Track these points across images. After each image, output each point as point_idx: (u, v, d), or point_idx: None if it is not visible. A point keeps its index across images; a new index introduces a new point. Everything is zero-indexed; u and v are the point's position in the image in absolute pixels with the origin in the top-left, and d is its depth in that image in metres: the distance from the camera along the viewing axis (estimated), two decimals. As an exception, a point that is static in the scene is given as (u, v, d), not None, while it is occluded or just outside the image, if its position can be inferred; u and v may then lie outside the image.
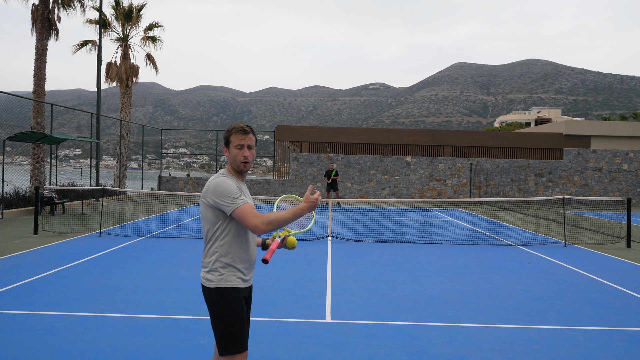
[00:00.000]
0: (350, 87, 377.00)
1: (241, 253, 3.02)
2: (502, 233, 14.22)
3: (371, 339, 5.18)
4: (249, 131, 3.06)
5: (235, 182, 3.01)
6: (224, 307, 2.94)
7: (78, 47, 27.25)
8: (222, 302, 2.95)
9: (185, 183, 28.82)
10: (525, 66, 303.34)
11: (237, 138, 3.04)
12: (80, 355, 4.61)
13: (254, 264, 3.12)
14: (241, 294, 3.00)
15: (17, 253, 9.66)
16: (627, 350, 5.02)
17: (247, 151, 3.04)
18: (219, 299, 2.95)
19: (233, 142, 3.06)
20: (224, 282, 2.96)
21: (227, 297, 2.95)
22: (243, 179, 3.14)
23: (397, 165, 27.93)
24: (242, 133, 3.05)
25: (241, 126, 3.06)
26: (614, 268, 9.39)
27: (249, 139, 3.06)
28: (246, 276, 3.05)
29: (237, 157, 3.04)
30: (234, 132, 3.05)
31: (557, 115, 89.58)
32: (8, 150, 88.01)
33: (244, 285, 3.03)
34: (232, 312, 2.94)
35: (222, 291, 2.95)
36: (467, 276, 8.39)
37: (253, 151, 3.07)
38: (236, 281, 2.98)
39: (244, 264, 3.03)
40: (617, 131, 28.55)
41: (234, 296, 2.96)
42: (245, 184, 3.16)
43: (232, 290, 2.96)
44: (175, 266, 8.71)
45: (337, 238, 12.31)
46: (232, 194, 2.92)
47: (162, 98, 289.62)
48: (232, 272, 2.98)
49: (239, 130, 3.05)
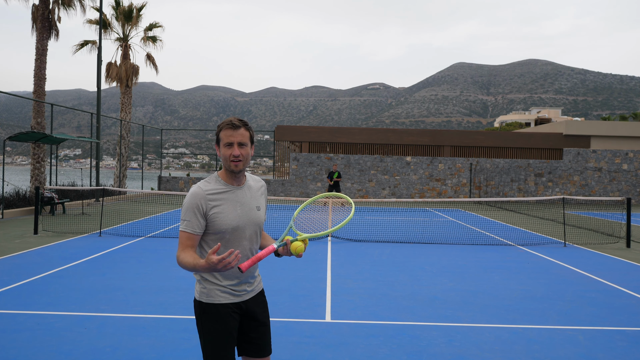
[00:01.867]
0: (350, 87, 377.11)
1: None
2: (502, 233, 14.23)
3: (371, 339, 5.18)
4: (240, 125, 2.67)
5: (196, 200, 2.65)
6: (204, 322, 2.73)
7: (78, 47, 27.24)
8: (203, 317, 2.74)
9: (185, 183, 28.82)
10: (525, 66, 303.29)
11: (225, 135, 2.67)
12: (80, 355, 4.61)
13: (248, 277, 2.80)
14: (227, 310, 2.72)
15: (17, 253, 9.66)
16: (627, 350, 5.02)
17: (237, 149, 2.65)
18: (200, 313, 2.75)
19: (222, 140, 2.68)
20: (205, 296, 2.73)
21: (208, 313, 2.72)
22: (238, 181, 2.76)
23: (397, 165, 27.93)
24: (231, 128, 2.66)
25: (230, 120, 2.68)
26: (613, 268, 9.39)
27: (240, 134, 2.66)
28: (237, 290, 2.76)
29: (227, 156, 2.67)
30: (223, 128, 2.68)
31: (557, 115, 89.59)
32: (8, 150, 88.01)
33: (233, 300, 2.74)
34: (212, 329, 2.70)
35: (203, 306, 2.73)
36: (467, 276, 8.39)
37: (247, 148, 2.69)
38: (220, 296, 2.72)
39: (230, 280, 2.73)
40: (617, 131, 28.56)
41: (217, 312, 2.71)
42: (244, 185, 2.79)
43: (213, 306, 2.71)
44: (175, 266, 8.70)
45: (337, 238, 12.32)
46: (184, 212, 2.66)
47: (162, 98, 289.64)
48: (214, 286, 2.72)
49: (228, 125, 2.67)
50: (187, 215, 2.65)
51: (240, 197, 2.74)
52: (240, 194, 2.76)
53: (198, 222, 2.65)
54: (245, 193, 2.78)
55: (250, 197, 2.79)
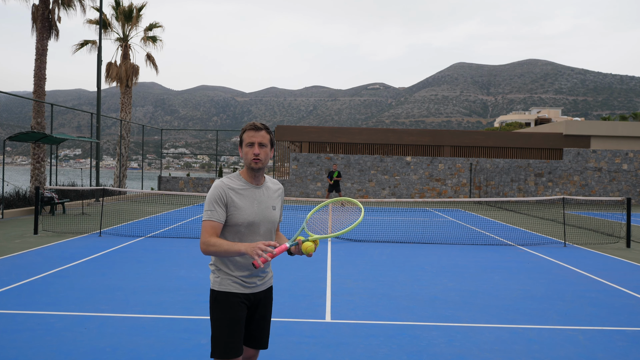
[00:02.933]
0: (350, 87, 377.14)
1: (237, 261, 2.94)
2: (502, 233, 14.23)
3: (371, 339, 5.18)
4: (262, 128, 2.97)
5: (219, 191, 2.90)
6: (215, 309, 2.95)
7: (78, 47, 27.24)
8: (214, 305, 2.95)
9: (185, 183, 28.83)
10: (525, 66, 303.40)
11: (248, 135, 2.97)
12: (80, 355, 4.61)
13: (259, 271, 3.01)
14: (237, 299, 2.93)
15: (17, 253, 9.66)
16: (627, 350, 5.02)
17: (257, 148, 2.94)
18: (212, 300, 2.97)
19: (245, 140, 2.98)
20: (218, 285, 2.95)
21: (219, 301, 2.93)
22: (257, 180, 3.01)
23: (397, 165, 27.94)
24: (253, 130, 2.96)
25: (253, 123, 2.99)
26: (613, 268, 9.39)
27: (260, 135, 2.95)
28: (247, 282, 2.97)
29: (248, 154, 2.96)
30: (246, 130, 2.99)
31: (557, 115, 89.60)
32: (8, 150, 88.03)
33: (243, 291, 2.96)
34: (222, 316, 2.91)
35: (215, 294, 2.96)
36: (467, 276, 8.39)
37: (266, 149, 2.96)
38: (232, 286, 2.94)
39: (241, 271, 2.95)
40: (617, 131, 28.56)
41: (227, 300, 2.92)
42: (263, 185, 3.03)
43: (224, 294, 2.93)
44: (175, 266, 8.71)
45: (337, 238, 12.32)
46: (208, 203, 2.90)
47: (162, 98, 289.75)
48: (227, 276, 2.95)
49: (251, 127, 2.98)
50: (211, 205, 2.89)
51: (258, 195, 2.99)
52: (258, 192, 3.00)
53: (222, 212, 2.89)
54: (263, 192, 3.02)
55: (268, 197, 3.03)
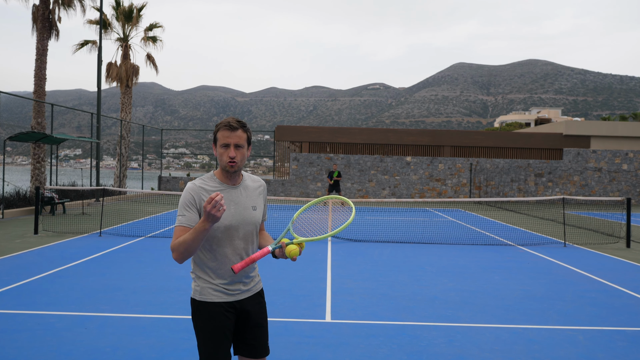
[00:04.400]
0: (350, 87, 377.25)
1: (217, 267, 2.73)
2: (502, 233, 14.23)
3: (371, 339, 5.18)
4: (237, 127, 2.68)
5: (191, 194, 2.69)
6: (196, 320, 2.77)
7: (78, 47, 27.24)
8: (195, 315, 2.78)
9: (185, 183, 28.83)
10: (525, 66, 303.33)
11: (223, 135, 2.68)
12: (80, 355, 4.61)
13: (242, 276, 2.79)
14: (219, 309, 2.72)
15: (17, 253, 9.66)
16: (627, 350, 5.02)
17: (233, 151, 2.67)
18: (194, 310, 2.79)
19: (219, 140, 2.70)
20: (199, 294, 2.75)
21: (200, 311, 2.75)
22: (234, 180, 2.77)
23: (397, 165, 27.94)
24: (228, 129, 2.67)
25: (228, 121, 2.69)
26: (613, 268, 9.39)
27: (237, 136, 2.68)
28: (230, 289, 2.75)
29: (223, 156, 2.69)
30: (220, 129, 2.70)
31: (557, 116, 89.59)
32: (8, 150, 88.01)
33: (226, 299, 2.74)
34: (203, 327, 2.73)
35: (196, 304, 2.77)
36: (467, 276, 8.39)
37: (243, 150, 2.70)
38: (213, 295, 2.73)
39: (222, 279, 2.74)
40: (617, 131, 28.56)
41: (208, 310, 2.73)
42: (240, 185, 2.79)
43: (205, 304, 2.74)
44: (175, 266, 8.71)
45: (337, 238, 12.32)
46: (179, 208, 2.70)
47: (162, 98, 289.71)
48: (207, 284, 2.74)
49: (225, 127, 2.68)
50: (182, 210, 2.68)
51: (234, 196, 2.75)
52: (235, 193, 2.76)
53: (193, 216, 2.66)
54: (240, 192, 2.78)
55: (246, 197, 2.79)
